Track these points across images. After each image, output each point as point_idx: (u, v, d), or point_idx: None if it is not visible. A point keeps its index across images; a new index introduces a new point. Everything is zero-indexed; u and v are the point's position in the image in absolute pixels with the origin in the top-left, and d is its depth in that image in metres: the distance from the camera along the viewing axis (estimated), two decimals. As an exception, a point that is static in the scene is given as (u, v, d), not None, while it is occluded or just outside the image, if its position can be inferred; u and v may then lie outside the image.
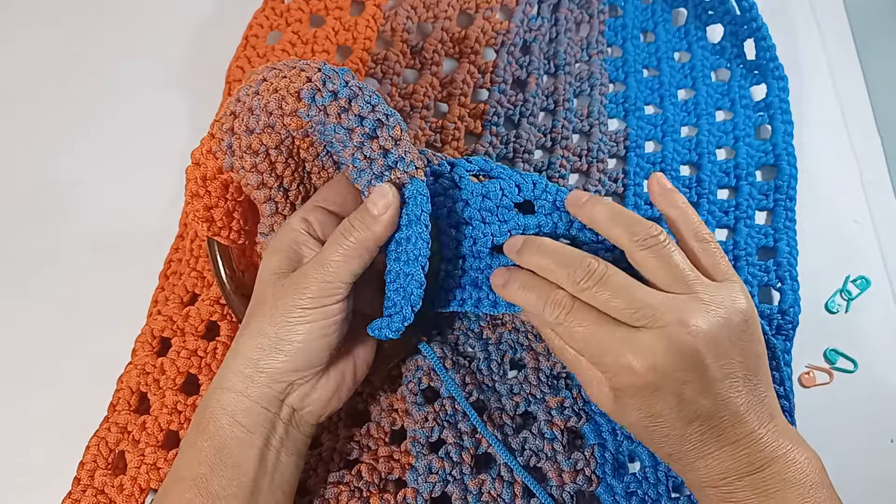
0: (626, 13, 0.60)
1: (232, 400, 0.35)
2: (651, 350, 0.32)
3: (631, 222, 0.35)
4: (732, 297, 0.34)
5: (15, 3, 0.60)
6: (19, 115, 0.56)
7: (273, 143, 0.37)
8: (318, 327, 0.35)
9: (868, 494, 0.45)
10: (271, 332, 0.35)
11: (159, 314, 0.45)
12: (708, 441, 0.33)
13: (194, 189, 0.40)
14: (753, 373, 0.34)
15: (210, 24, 0.60)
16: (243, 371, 0.35)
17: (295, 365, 0.35)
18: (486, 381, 0.43)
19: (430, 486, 0.39)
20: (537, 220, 0.37)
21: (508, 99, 0.54)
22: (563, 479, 0.40)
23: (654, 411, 0.33)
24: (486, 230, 0.38)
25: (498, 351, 0.44)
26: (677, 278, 0.34)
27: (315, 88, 0.35)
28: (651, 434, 0.35)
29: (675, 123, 0.55)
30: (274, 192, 0.39)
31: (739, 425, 0.33)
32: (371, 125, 0.35)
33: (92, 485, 0.41)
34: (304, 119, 0.36)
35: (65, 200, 0.52)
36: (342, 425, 0.43)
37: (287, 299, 0.35)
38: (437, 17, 0.57)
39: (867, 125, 0.58)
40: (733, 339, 0.33)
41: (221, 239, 0.42)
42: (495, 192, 0.38)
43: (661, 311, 0.32)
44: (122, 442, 0.42)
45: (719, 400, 0.33)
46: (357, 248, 0.35)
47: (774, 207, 0.52)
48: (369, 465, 0.40)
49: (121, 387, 0.43)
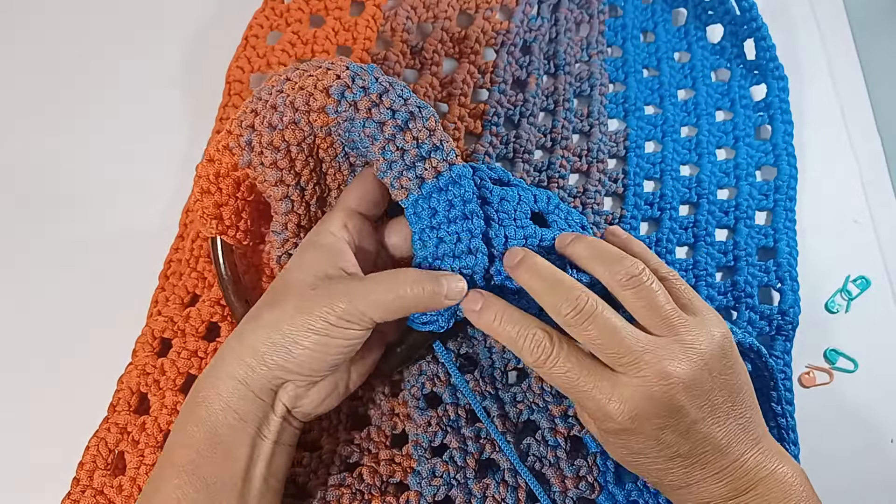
0: (626, 13, 0.60)
1: (228, 387, 0.35)
2: (630, 399, 0.33)
3: (612, 260, 0.35)
4: (711, 332, 0.34)
5: (15, 3, 0.60)
6: (19, 115, 0.56)
7: (296, 139, 0.37)
8: (334, 344, 0.34)
9: (868, 494, 0.45)
10: (288, 331, 0.34)
11: (160, 315, 0.45)
12: (691, 472, 0.34)
13: (205, 186, 0.39)
14: (736, 401, 0.34)
15: (210, 24, 0.60)
16: (246, 360, 0.35)
17: (300, 368, 0.35)
18: (490, 388, 0.42)
19: (433, 489, 0.39)
20: (552, 234, 0.38)
21: (508, 99, 0.54)
22: (566, 486, 0.40)
23: (636, 450, 0.34)
24: (500, 231, 0.38)
25: (502, 359, 0.44)
26: (660, 320, 0.34)
27: (345, 85, 0.36)
28: (636, 467, 0.36)
29: (675, 123, 0.55)
30: (291, 190, 0.39)
31: (722, 456, 0.34)
32: (403, 117, 0.36)
33: (91, 485, 0.40)
34: (332, 115, 0.36)
35: (65, 200, 0.52)
36: (342, 428, 0.42)
37: (315, 307, 0.34)
38: (437, 17, 0.57)
39: (867, 125, 0.58)
40: (714, 375, 0.34)
41: (228, 238, 0.42)
42: (513, 197, 0.38)
43: (645, 358, 0.33)
44: (121, 442, 0.42)
45: (699, 439, 0.33)
46: (405, 309, 0.35)
47: (774, 207, 0.52)
48: (370, 468, 0.40)
49: (121, 387, 0.43)
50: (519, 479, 0.40)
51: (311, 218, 0.41)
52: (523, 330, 0.34)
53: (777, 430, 0.43)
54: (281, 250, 0.40)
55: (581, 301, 0.33)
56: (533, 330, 0.34)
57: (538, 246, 0.38)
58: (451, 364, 0.41)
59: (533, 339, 0.34)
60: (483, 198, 0.38)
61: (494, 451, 0.41)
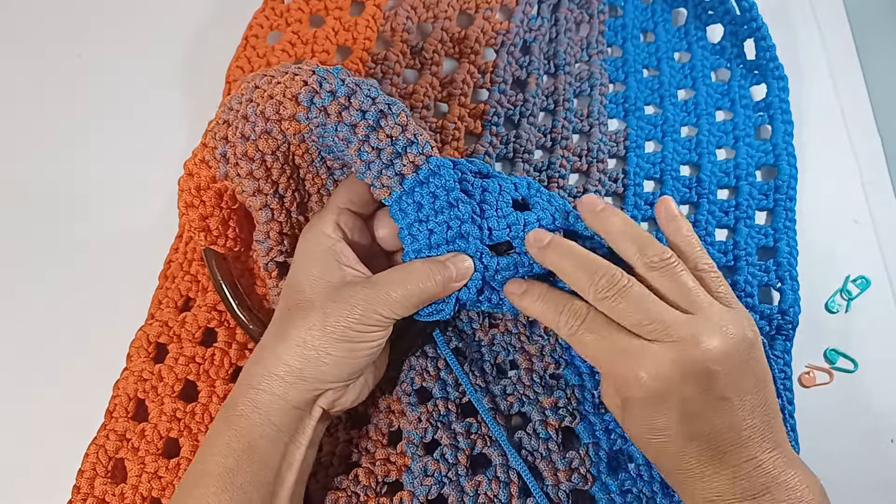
0: (626, 13, 0.60)
1: (267, 401, 0.35)
2: (660, 360, 0.33)
3: (645, 242, 0.35)
4: (742, 324, 0.34)
5: (15, 3, 0.60)
6: (19, 115, 0.56)
7: (269, 149, 0.37)
8: (361, 348, 0.36)
9: (868, 494, 0.45)
10: (319, 345, 0.35)
11: (153, 318, 0.45)
12: (707, 462, 0.33)
13: (188, 199, 0.40)
14: (761, 399, 0.34)
15: (210, 24, 0.60)
16: (285, 378, 0.35)
17: (334, 378, 0.36)
18: (480, 381, 0.43)
19: (425, 489, 0.39)
20: (536, 215, 0.38)
21: (508, 99, 0.54)
22: (559, 478, 0.40)
23: (657, 425, 0.34)
24: (483, 224, 0.38)
25: (491, 352, 0.44)
26: (690, 299, 0.34)
27: (313, 91, 0.35)
28: (653, 448, 0.35)
29: (675, 123, 0.55)
30: (270, 199, 0.39)
31: (742, 449, 0.33)
32: (374, 117, 0.36)
33: (92, 493, 0.40)
34: (303, 122, 0.36)
35: (65, 200, 0.52)
36: (342, 428, 0.43)
37: (339, 319, 0.35)
38: (437, 17, 0.57)
39: (867, 125, 0.58)
40: (743, 362, 0.33)
41: (218, 248, 0.42)
42: (494, 188, 0.38)
43: (675, 327, 0.33)
44: (121, 450, 0.41)
45: (723, 421, 0.33)
46: (421, 301, 0.37)
47: (774, 207, 0.52)
48: (366, 469, 0.40)
49: (117, 393, 0.43)
50: (511, 475, 0.40)
51: (292, 224, 0.41)
52: (560, 304, 0.36)
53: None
54: (266, 258, 0.40)
55: (616, 276, 0.34)
56: (570, 302, 0.36)
57: (524, 232, 0.38)
58: (449, 355, 0.41)
59: (570, 309, 0.35)
60: (465, 191, 0.38)
61: (486, 446, 0.41)
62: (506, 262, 0.38)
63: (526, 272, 0.38)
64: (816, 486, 0.34)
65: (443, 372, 0.43)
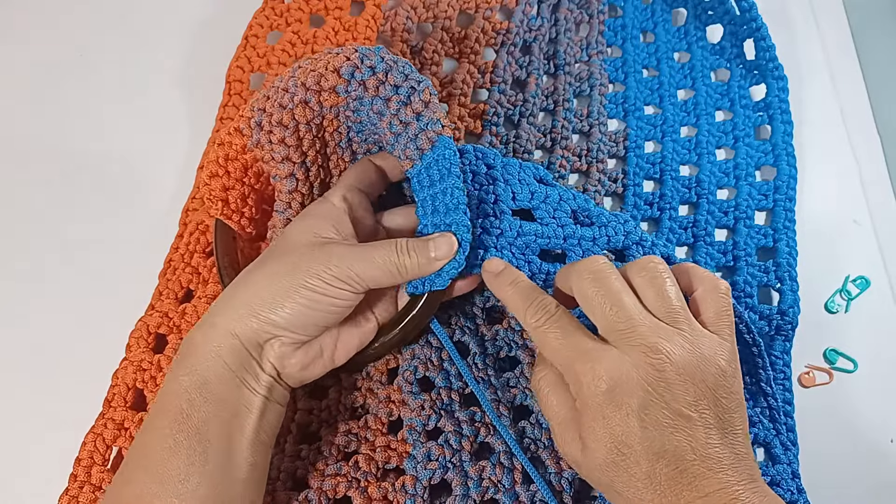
0: (626, 13, 0.60)
1: (219, 337, 0.35)
2: (619, 365, 0.32)
3: (641, 261, 0.36)
4: (715, 350, 0.33)
5: (15, 2, 0.60)
6: (19, 115, 0.56)
7: (305, 118, 0.39)
8: (325, 302, 0.36)
9: (868, 494, 0.45)
10: (282, 286, 0.35)
11: (153, 309, 0.46)
12: (677, 488, 0.31)
13: (214, 169, 0.41)
14: (729, 429, 0.32)
15: (210, 24, 0.60)
16: (238, 312, 0.36)
17: (288, 325, 0.36)
18: (482, 375, 0.43)
19: (429, 473, 0.40)
20: (558, 192, 0.41)
21: (508, 99, 0.54)
22: (561, 466, 0.40)
23: (617, 433, 0.32)
24: (507, 190, 0.40)
25: (494, 347, 0.44)
26: (666, 308, 0.34)
27: (354, 66, 0.37)
28: (619, 473, 0.32)
29: (675, 123, 0.55)
30: (296, 168, 0.40)
31: (714, 476, 0.31)
32: (405, 92, 0.37)
33: (89, 481, 0.40)
34: (342, 95, 0.38)
35: (64, 200, 0.52)
36: (340, 419, 0.43)
37: (312, 265, 0.36)
38: (437, 17, 0.57)
39: (867, 125, 0.58)
40: (707, 384, 0.32)
41: (232, 223, 0.43)
42: (514, 162, 0.42)
43: (640, 329, 0.33)
44: (118, 439, 0.42)
45: (686, 439, 0.31)
46: (398, 273, 0.37)
47: (774, 208, 0.52)
48: (366, 456, 0.41)
49: (116, 382, 0.43)
50: (515, 462, 0.40)
51: (313, 198, 0.42)
52: (532, 296, 0.36)
53: (768, 411, 0.43)
54: (283, 230, 0.41)
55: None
56: (541, 297, 0.36)
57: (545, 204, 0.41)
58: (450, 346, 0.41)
59: (539, 303, 0.36)
60: (485, 166, 0.42)
61: (489, 434, 0.41)
62: (529, 227, 0.40)
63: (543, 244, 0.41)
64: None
65: (446, 363, 0.43)
